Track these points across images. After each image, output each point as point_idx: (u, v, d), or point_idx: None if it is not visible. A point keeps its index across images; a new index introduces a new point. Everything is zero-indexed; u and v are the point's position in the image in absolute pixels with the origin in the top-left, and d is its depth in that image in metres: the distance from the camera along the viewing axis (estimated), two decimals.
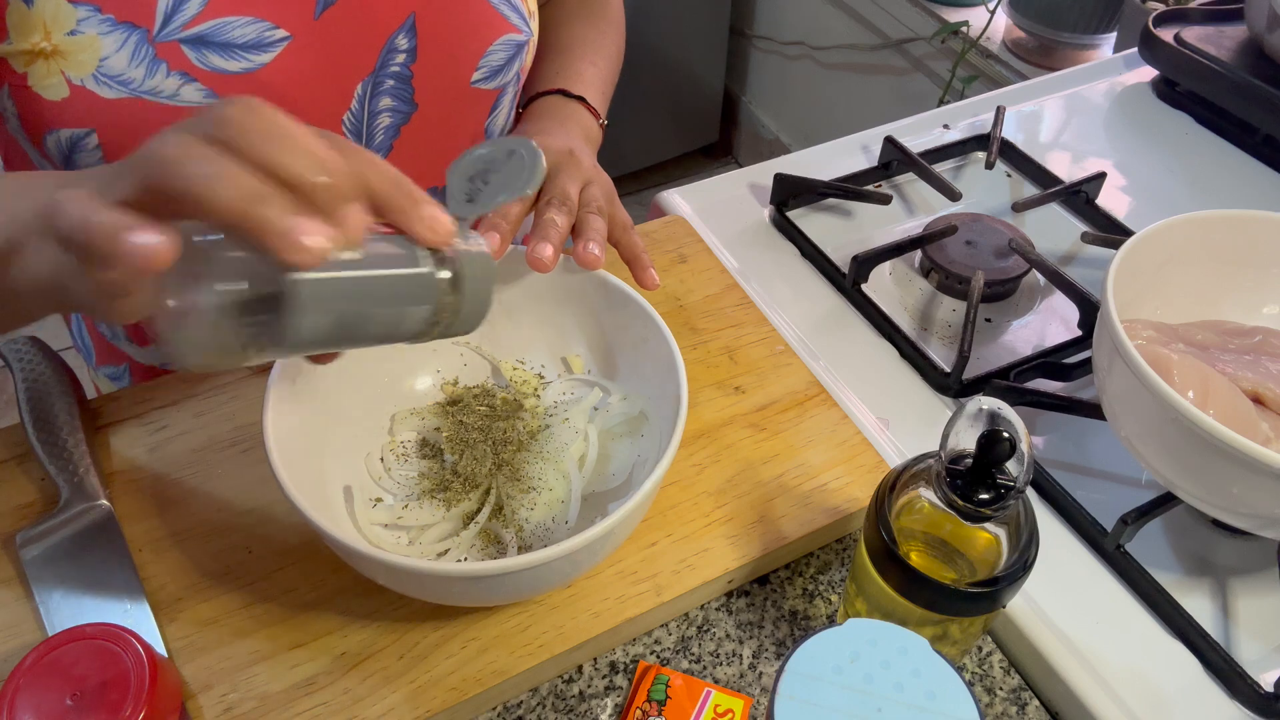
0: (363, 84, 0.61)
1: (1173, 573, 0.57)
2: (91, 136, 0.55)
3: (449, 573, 0.45)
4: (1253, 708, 0.52)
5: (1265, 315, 0.63)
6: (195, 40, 0.54)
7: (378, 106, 0.62)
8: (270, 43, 0.56)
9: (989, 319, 0.74)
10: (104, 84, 0.54)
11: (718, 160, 2.45)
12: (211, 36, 0.54)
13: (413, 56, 0.62)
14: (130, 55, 0.53)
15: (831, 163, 0.86)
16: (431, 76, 0.63)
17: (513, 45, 0.66)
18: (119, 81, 0.54)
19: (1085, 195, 0.82)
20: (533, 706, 0.52)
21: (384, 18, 0.60)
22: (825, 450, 0.61)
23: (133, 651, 0.44)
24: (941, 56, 1.64)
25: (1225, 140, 0.91)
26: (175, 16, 0.54)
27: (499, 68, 0.65)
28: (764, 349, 0.68)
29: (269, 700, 0.49)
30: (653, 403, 0.57)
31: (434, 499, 0.55)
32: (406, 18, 0.60)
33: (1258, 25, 0.90)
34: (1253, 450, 0.46)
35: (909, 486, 0.47)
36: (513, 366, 0.62)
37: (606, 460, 0.58)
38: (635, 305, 0.57)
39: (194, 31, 0.54)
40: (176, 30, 0.54)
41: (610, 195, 0.61)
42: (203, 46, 0.55)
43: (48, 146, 0.56)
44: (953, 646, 0.49)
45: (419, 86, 0.63)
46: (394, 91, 0.62)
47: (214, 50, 0.55)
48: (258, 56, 0.56)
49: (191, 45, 0.54)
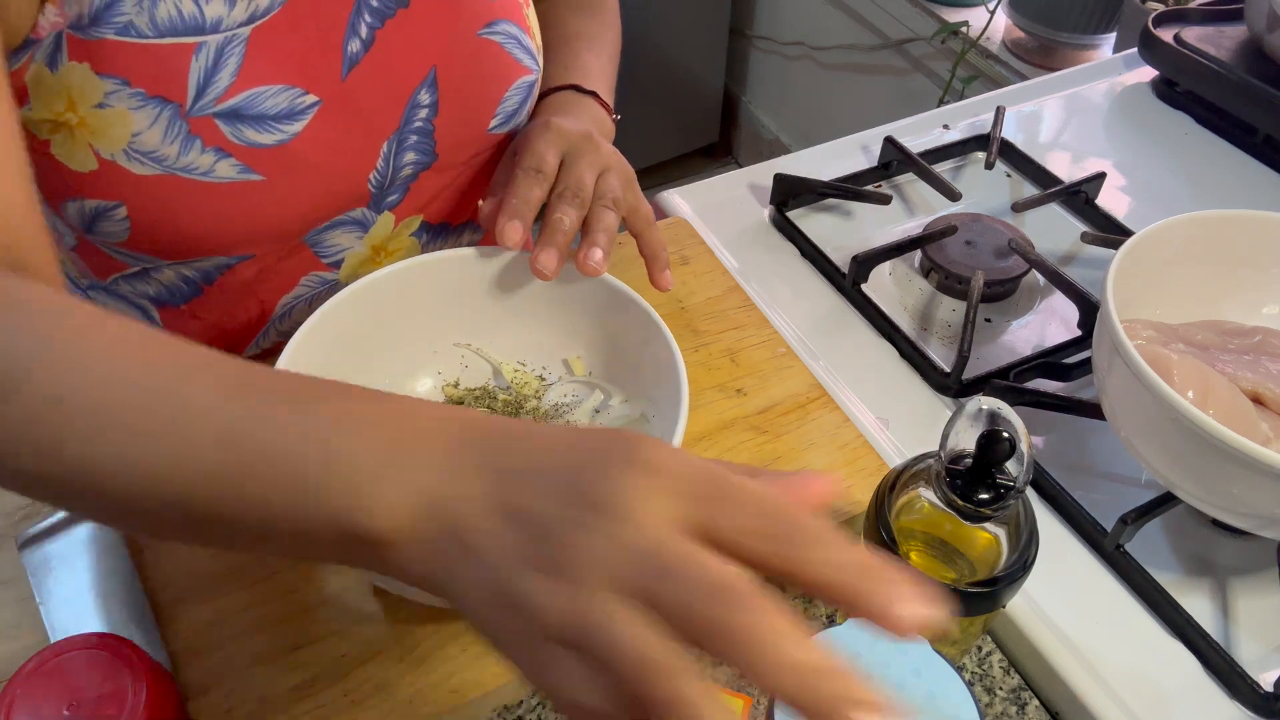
0: (388, 142, 0.59)
1: (1172, 573, 0.57)
2: (120, 209, 0.53)
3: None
4: (1252, 708, 0.51)
5: (1265, 315, 0.63)
6: (230, 114, 0.52)
7: (401, 161, 0.61)
8: (301, 110, 0.54)
9: (989, 319, 0.74)
10: (135, 160, 0.51)
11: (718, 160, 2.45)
12: (245, 109, 0.52)
13: (434, 111, 0.60)
14: (164, 131, 0.51)
15: (831, 163, 0.86)
16: (452, 128, 0.62)
17: (526, 88, 0.64)
18: (152, 159, 0.51)
19: (1085, 195, 0.82)
20: (533, 706, 0.52)
21: (407, 73, 0.58)
22: (827, 453, 0.61)
23: (132, 662, 0.44)
24: (941, 57, 1.64)
25: (1225, 140, 0.91)
26: (208, 90, 0.51)
27: (513, 112, 0.64)
28: (766, 351, 0.68)
29: (268, 702, 0.49)
30: (654, 405, 0.57)
31: None
32: (428, 72, 0.59)
33: (1257, 25, 0.90)
34: (1252, 450, 0.46)
35: (909, 486, 0.47)
36: (514, 368, 0.62)
37: None
38: (637, 308, 0.56)
39: (228, 105, 0.52)
40: (210, 104, 0.51)
41: (629, 182, 0.59)
42: (237, 120, 0.52)
43: (67, 212, 0.54)
44: (953, 646, 0.49)
45: (440, 139, 0.62)
46: (417, 146, 0.61)
47: (248, 124, 0.52)
48: (290, 126, 0.54)
49: (226, 119, 0.52)
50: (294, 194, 0.56)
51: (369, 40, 0.56)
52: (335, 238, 0.62)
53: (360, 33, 0.55)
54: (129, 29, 0.48)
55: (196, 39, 0.50)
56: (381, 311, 0.58)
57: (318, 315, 0.54)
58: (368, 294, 0.56)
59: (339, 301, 0.55)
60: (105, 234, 0.55)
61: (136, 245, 0.56)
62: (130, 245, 0.56)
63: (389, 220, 0.64)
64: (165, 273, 0.60)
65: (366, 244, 0.64)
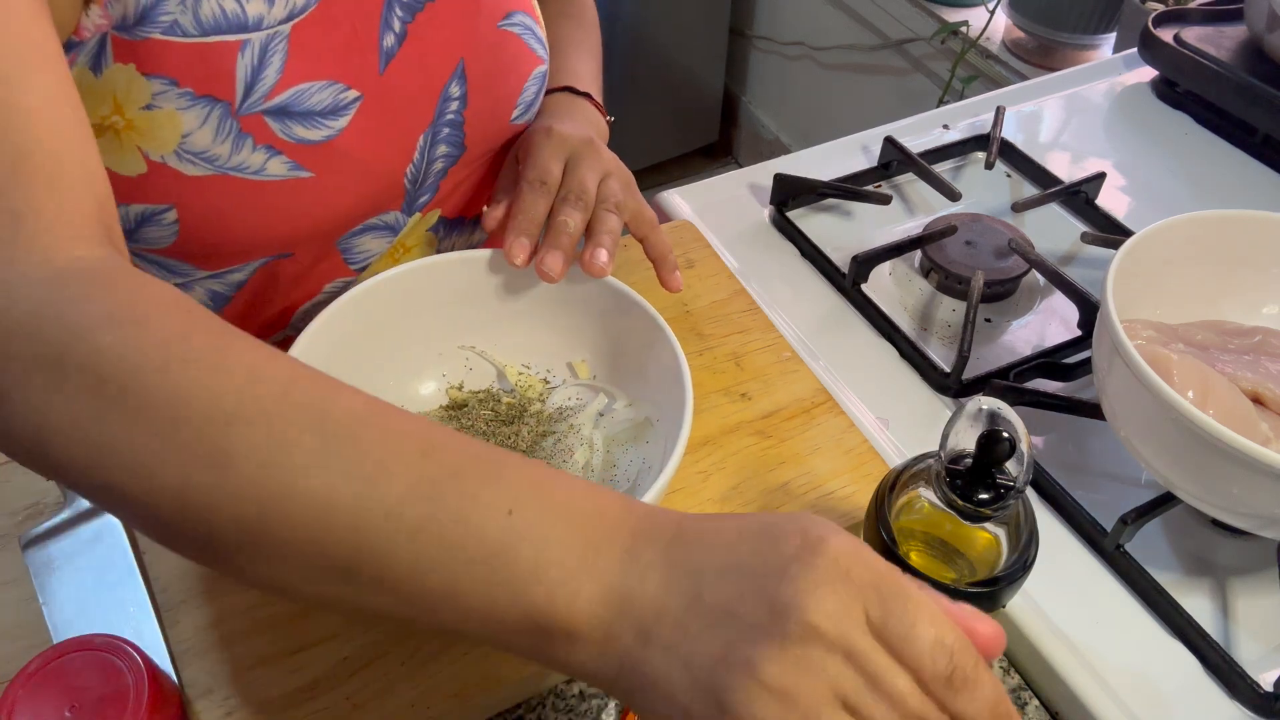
0: (423, 135, 0.60)
1: (1172, 572, 0.57)
2: (169, 212, 0.52)
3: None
4: (1252, 708, 0.52)
5: (1265, 315, 0.63)
6: (278, 111, 0.52)
7: (435, 154, 0.61)
8: (345, 105, 0.54)
9: (989, 319, 0.74)
10: (187, 161, 0.51)
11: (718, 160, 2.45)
12: (293, 106, 0.52)
13: (464, 103, 0.61)
14: (215, 131, 0.50)
15: (831, 163, 0.86)
16: (480, 120, 0.62)
17: (540, 78, 0.65)
18: (204, 159, 0.51)
19: (1085, 195, 0.82)
20: (533, 707, 0.52)
21: (438, 66, 0.59)
22: (831, 458, 0.61)
23: (133, 665, 0.44)
24: (941, 57, 1.64)
25: (1225, 140, 0.91)
26: (256, 87, 0.51)
27: (530, 102, 0.65)
28: (771, 355, 0.68)
29: (270, 705, 0.49)
30: (658, 409, 0.57)
31: None
32: (457, 64, 0.59)
33: (1257, 25, 0.90)
34: (1252, 450, 0.46)
35: (909, 486, 0.47)
36: (518, 371, 0.62)
37: (612, 466, 0.58)
38: (641, 311, 0.57)
39: (276, 102, 0.52)
40: (259, 102, 0.51)
41: (629, 186, 0.61)
42: (285, 117, 0.52)
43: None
44: None
45: (469, 131, 0.62)
46: (449, 139, 0.61)
47: (296, 120, 0.53)
48: (335, 122, 0.54)
49: (275, 116, 0.52)
50: (338, 191, 0.57)
51: (402, 34, 0.56)
52: (366, 243, 0.63)
53: (394, 26, 0.56)
54: (174, 28, 0.48)
55: (241, 36, 0.50)
56: (386, 314, 0.58)
57: (323, 317, 0.54)
58: (373, 296, 0.56)
59: (344, 304, 0.55)
60: (149, 240, 0.54)
61: (179, 251, 0.56)
62: (172, 252, 0.55)
63: (416, 221, 0.65)
64: (195, 290, 0.60)
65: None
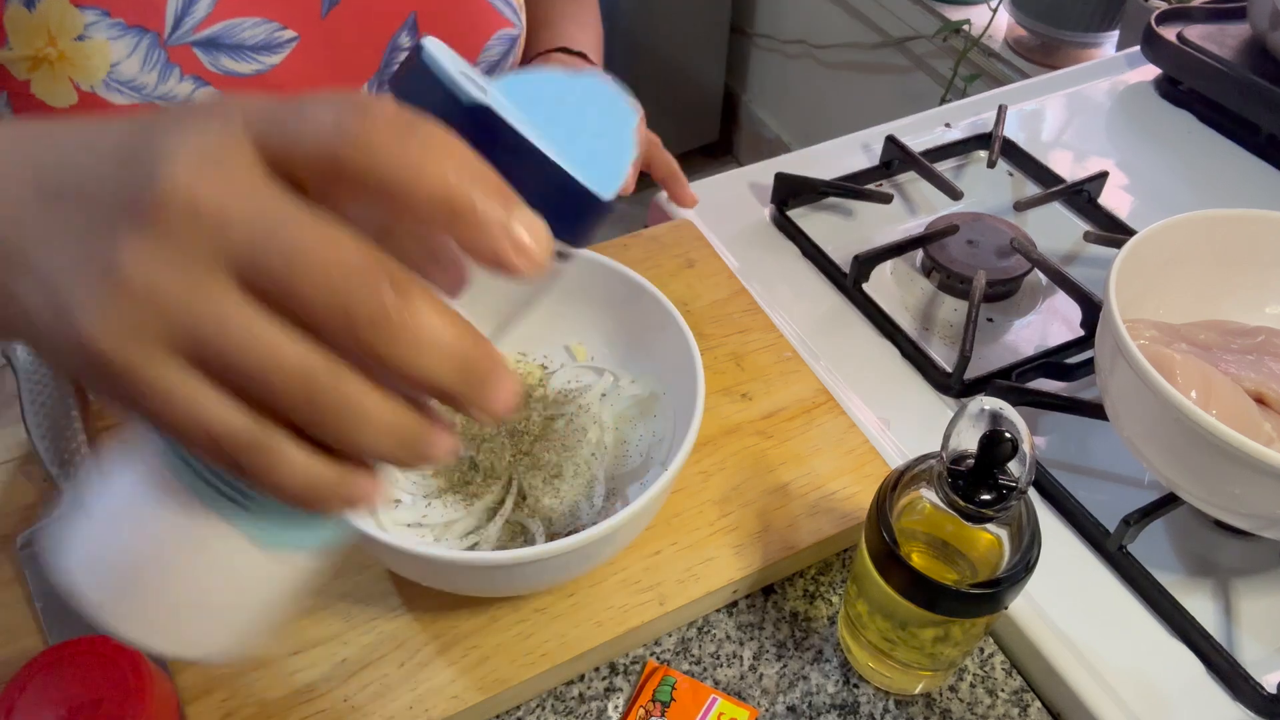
0: (368, 84, 0.60)
1: (1175, 574, 0.57)
2: None
3: (494, 561, 0.46)
4: (1255, 710, 0.51)
5: (1268, 315, 0.63)
6: (207, 43, 0.53)
7: None
8: (279, 44, 0.55)
9: (990, 319, 0.74)
10: (115, 90, 0.52)
11: (718, 159, 2.45)
12: (223, 38, 0.53)
13: None
14: (142, 60, 0.52)
15: (832, 162, 0.86)
16: None
17: (508, 40, 0.66)
18: (131, 87, 0.52)
19: (1087, 194, 0.82)
20: (532, 709, 0.51)
21: (387, 16, 0.60)
22: (832, 458, 0.61)
23: (131, 666, 0.44)
24: (943, 55, 1.64)
25: (1228, 139, 0.91)
26: (186, 18, 0.52)
27: (495, 63, 0.66)
28: (771, 355, 0.67)
29: (267, 707, 0.49)
30: (663, 382, 0.58)
31: (454, 495, 0.55)
32: (408, 16, 0.60)
33: (1260, 24, 0.90)
34: (1255, 451, 0.46)
35: (910, 487, 0.47)
36: (514, 359, 0.62)
37: (623, 443, 0.58)
38: (634, 284, 0.58)
39: (206, 34, 0.53)
40: (188, 33, 0.53)
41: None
42: (215, 49, 0.53)
43: None
44: (954, 648, 0.49)
45: None
46: None
47: (226, 52, 0.54)
48: (268, 58, 0.55)
49: (204, 48, 0.53)
50: None
51: None
52: None
53: None
54: None
55: None
56: None
57: None
58: None
59: None
60: None
61: None
62: None
63: None
64: None
65: None
